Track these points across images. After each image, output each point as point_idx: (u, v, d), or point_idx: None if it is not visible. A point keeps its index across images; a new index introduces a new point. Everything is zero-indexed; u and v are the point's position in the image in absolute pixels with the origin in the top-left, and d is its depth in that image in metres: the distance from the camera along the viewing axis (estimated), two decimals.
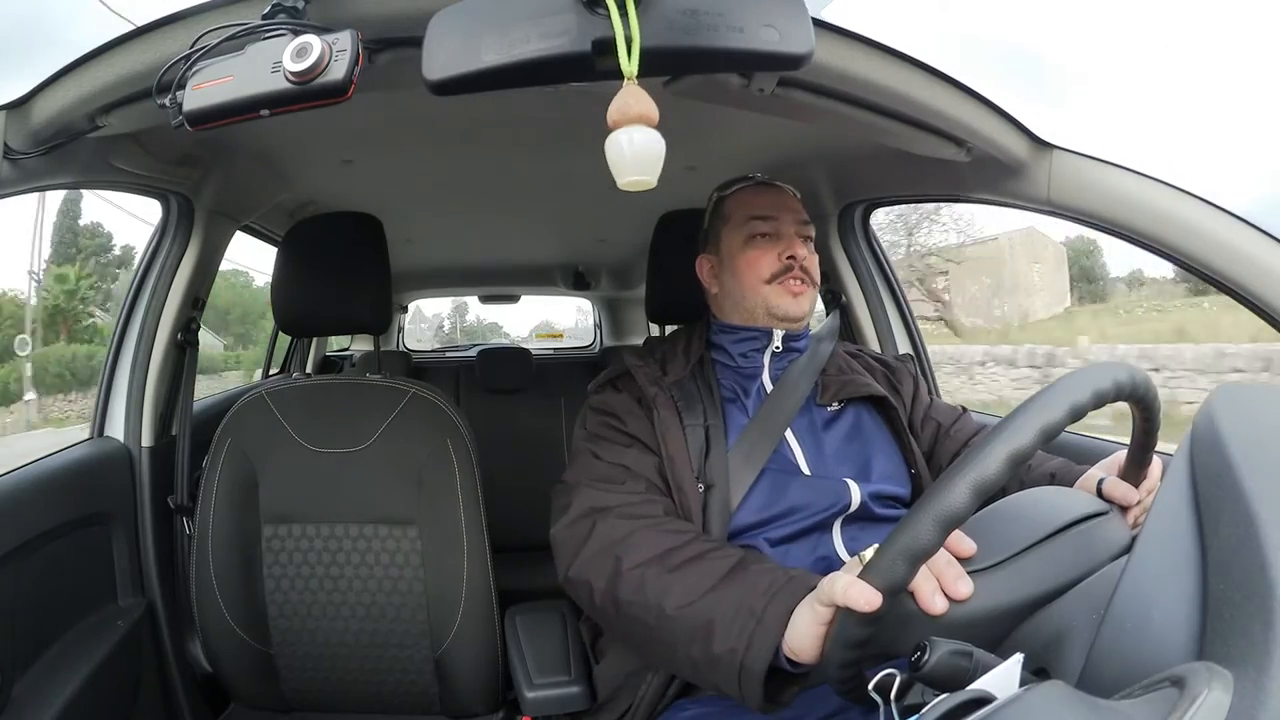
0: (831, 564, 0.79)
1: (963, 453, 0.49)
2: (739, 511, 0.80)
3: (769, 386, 0.89)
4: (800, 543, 0.80)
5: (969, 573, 0.54)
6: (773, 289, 0.88)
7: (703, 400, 0.86)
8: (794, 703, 0.73)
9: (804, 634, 0.57)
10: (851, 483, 0.81)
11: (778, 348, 0.90)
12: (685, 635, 0.64)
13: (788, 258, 0.88)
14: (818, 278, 0.92)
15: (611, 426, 0.86)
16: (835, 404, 0.89)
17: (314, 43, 0.51)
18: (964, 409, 0.99)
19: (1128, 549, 0.48)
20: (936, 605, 0.50)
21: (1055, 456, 0.84)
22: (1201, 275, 0.77)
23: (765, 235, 0.89)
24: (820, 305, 1.48)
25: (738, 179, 0.96)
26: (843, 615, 0.50)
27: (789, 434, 0.85)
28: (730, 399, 0.88)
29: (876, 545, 0.50)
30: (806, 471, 0.83)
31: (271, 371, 2.34)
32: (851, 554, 0.79)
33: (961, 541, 0.53)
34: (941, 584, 0.51)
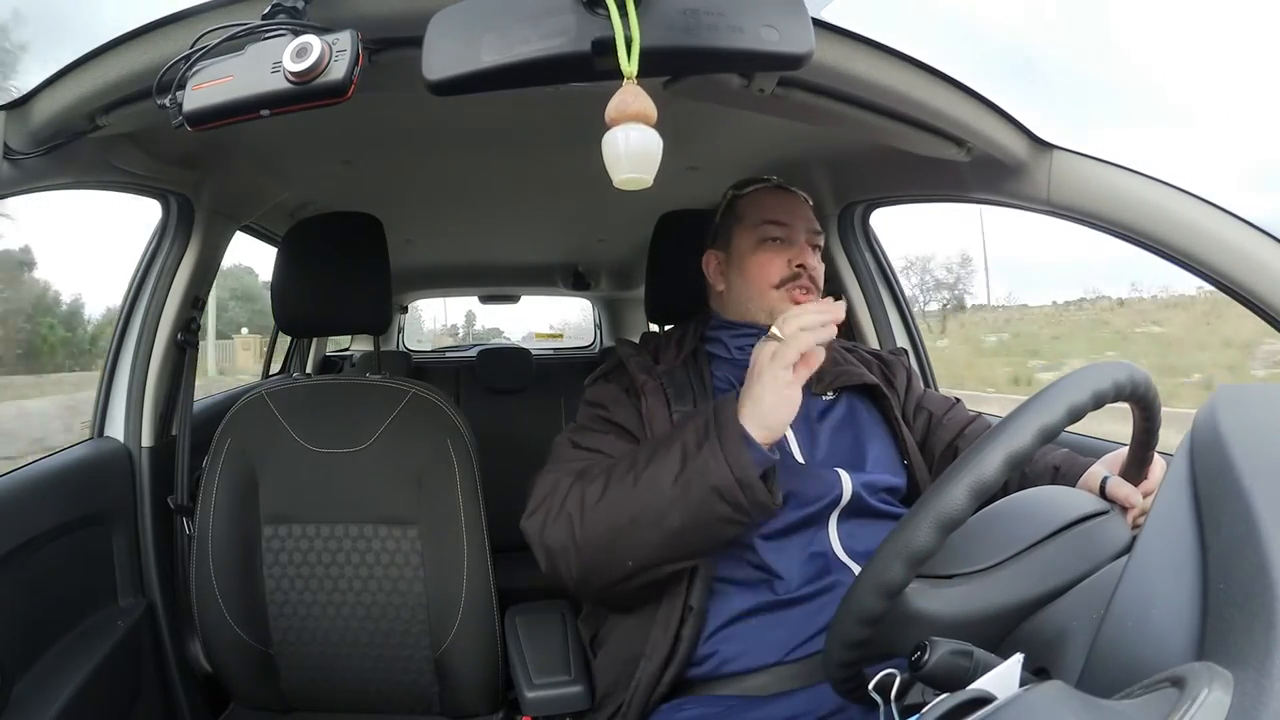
0: (827, 560, 0.79)
1: (960, 449, 0.49)
2: None
3: None
4: (794, 538, 0.79)
5: (969, 573, 0.54)
6: (779, 294, 0.88)
7: (693, 389, 0.86)
8: (793, 700, 0.74)
9: (771, 400, 0.68)
10: (844, 473, 0.81)
11: None
12: (666, 489, 0.70)
13: (798, 266, 0.88)
14: (822, 286, 0.92)
15: (597, 416, 0.87)
16: (829, 394, 0.90)
17: (314, 43, 0.51)
18: (957, 399, 0.99)
19: (1128, 549, 0.48)
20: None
21: (1059, 448, 0.83)
22: (1202, 275, 0.77)
23: (777, 240, 0.89)
24: None
25: (754, 179, 0.96)
26: (842, 615, 0.50)
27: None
28: (724, 389, 0.88)
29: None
30: (800, 460, 0.83)
31: (271, 371, 2.34)
32: (848, 551, 0.79)
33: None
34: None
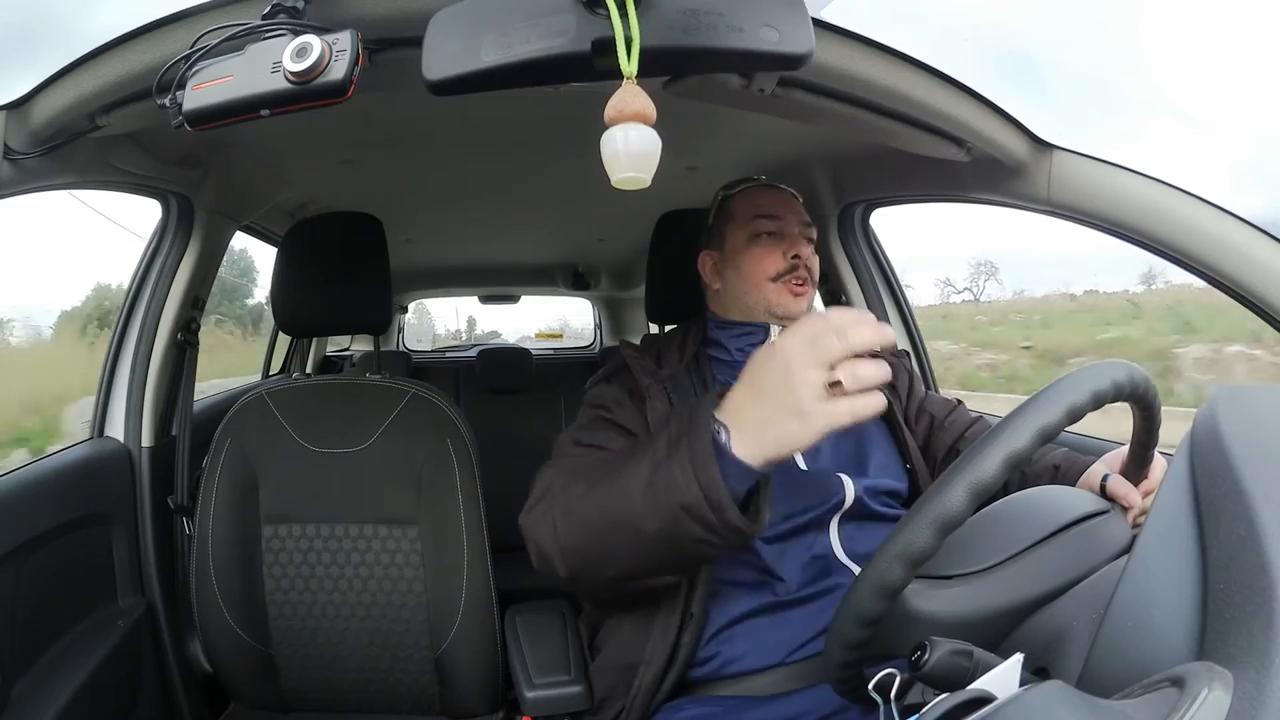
0: (828, 562, 0.79)
1: (962, 448, 0.49)
2: None
3: None
4: (796, 541, 0.79)
5: (969, 573, 0.54)
6: (775, 287, 0.88)
7: (696, 394, 0.86)
8: (793, 700, 0.74)
9: (781, 411, 0.53)
10: (846, 478, 0.81)
11: (774, 342, 0.90)
12: (638, 487, 0.61)
13: (792, 257, 0.88)
14: (817, 278, 0.93)
15: (599, 417, 0.86)
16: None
17: (314, 43, 0.51)
18: (959, 401, 0.99)
19: (1128, 548, 0.48)
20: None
21: (1059, 446, 0.83)
22: (1202, 275, 0.77)
23: (771, 234, 0.90)
24: (820, 305, 1.48)
25: (744, 179, 0.96)
26: (842, 616, 0.50)
27: None
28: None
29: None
30: (803, 466, 0.83)
31: (271, 371, 2.34)
32: (849, 553, 0.79)
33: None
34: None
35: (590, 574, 0.69)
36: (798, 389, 0.53)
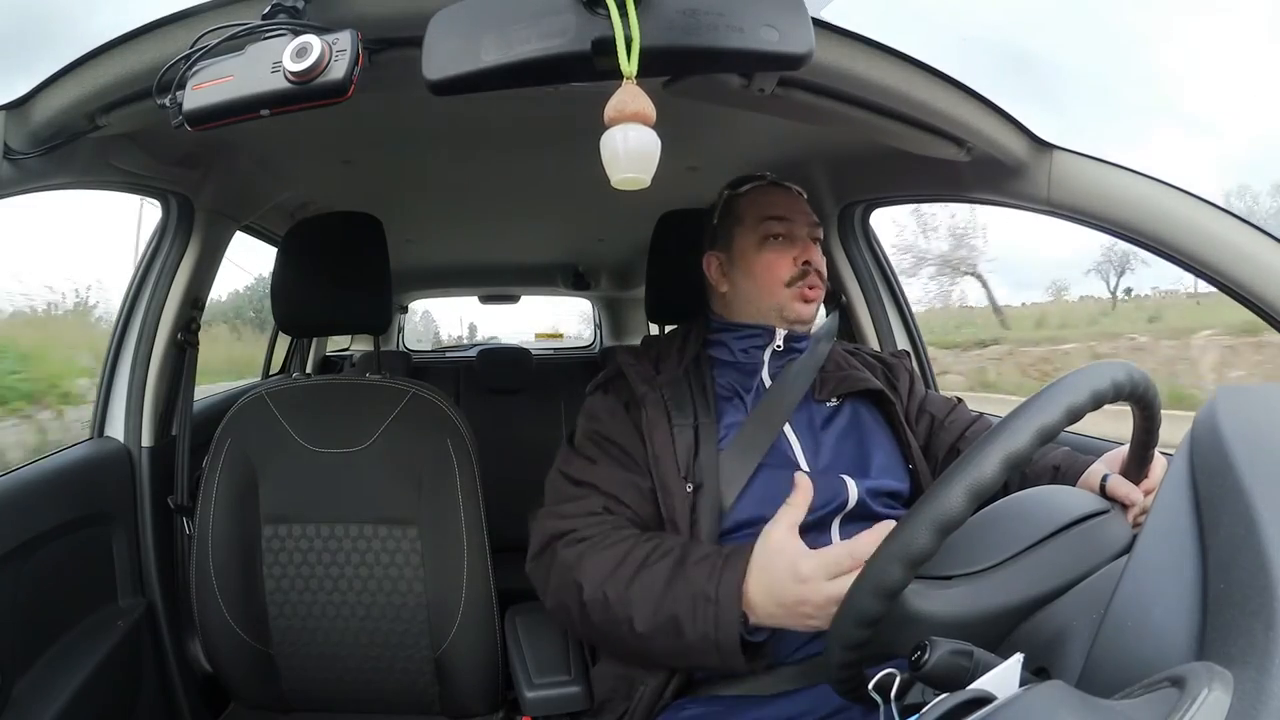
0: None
1: (962, 448, 0.49)
2: (735, 509, 0.80)
3: (768, 383, 0.89)
4: None
5: (969, 573, 0.54)
6: (789, 293, 0.88)
7: (694, 399, 0.86)
8: (794, 700, 0.74)
9: (762, 599, 0.66)
10: (849, 480, 0.81)
11: (779, 346, 0.90)
12: (660, 636, 0.70)
13: (804, 262, 0.88)
14: (826, 280, 0.92)
15: (593, 433, 0.86)
16: (834, 400, 0.89)
17: (314, 43, 0.51)
18: (959, 399, 0.99)
19: (1128, 548, 0.48)
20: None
21: (1060, 446, 0.83)
22: (1202, 275, 0.77)
23: (780, 237, 0.89)
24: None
25: (749, 177, 0.95)
26: (842, 616, 0.50)
27: (788, 430, 0.85)
28: (727, 397, 0.88)
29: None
30: (805, 468, 0.83)
31: (271, 371, 2.34)
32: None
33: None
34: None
35: (604, 646, 0.81)
36: (818, 609, 0.64)
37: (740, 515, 0.80)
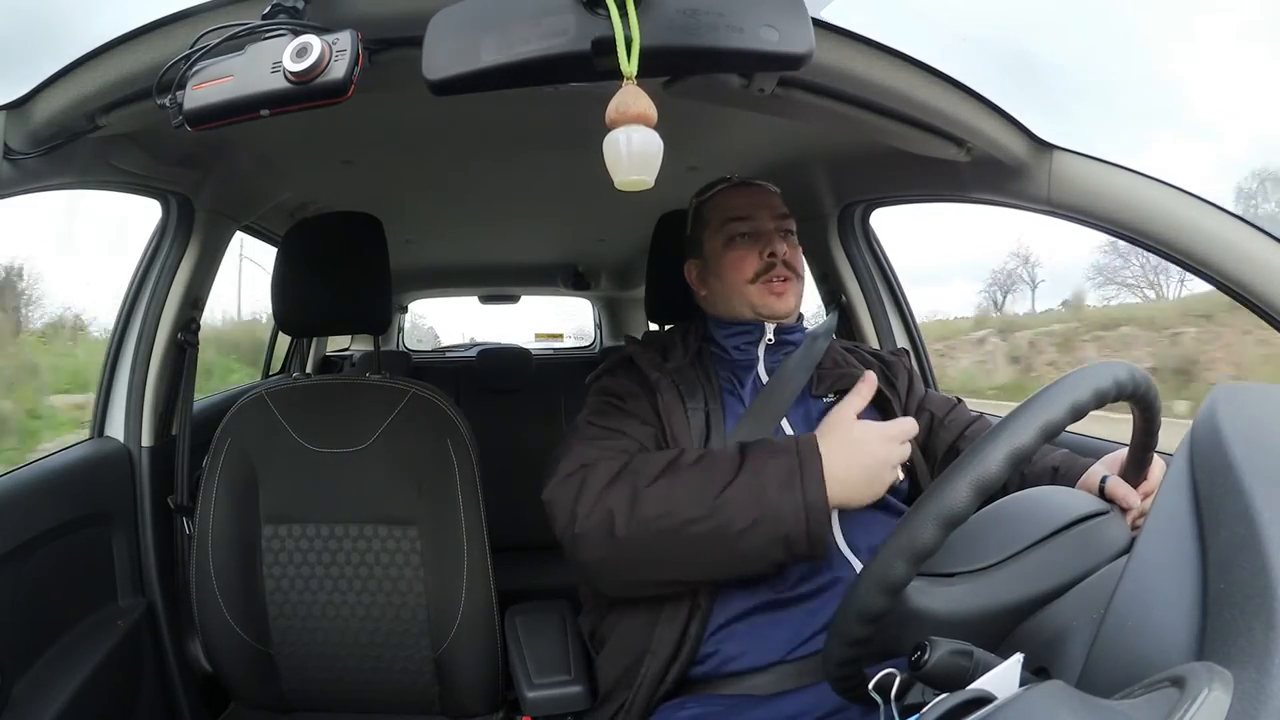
0: (829, 560, 0.78)
1: (962, 447, 0.49)
2: None
3: (764, 378, 0.90)
4: None
5: (970, 572, 0.54)
6: (756, 289, 0.89)
7: (703, 387, 0.87)
8: (792, 700, 0.74)
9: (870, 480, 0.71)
10: None
11: (770, 340, 0.91)
12: (739, 508, 0.69)
13: (769, 255, 0.89)
14: (802, 271, 0.93)
15: (612, 405, 0.86)
16: (831, 395, 0.90)
17: (314, 43, 0.51)
18: (959, 399, 0.99)
19: (1128, 549, 0.48)
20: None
21: (1059, 448, 0.84)
22: (1202, 275, 0.77)
23: (744, 235, 0.90)
24: (819, 303, 1.49)
25: (715, 182, 0.97)
26: (844, 612, 0.50)
27: (785, 425, 0.86)
28: (727, 390, 0.89)
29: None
30: None
31: (271, 371, 2.34)
32: (850, 548, 0.79)
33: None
34: None
35: (631, 573, 0.74)
36: (886, 475, 0.72)
37: None
